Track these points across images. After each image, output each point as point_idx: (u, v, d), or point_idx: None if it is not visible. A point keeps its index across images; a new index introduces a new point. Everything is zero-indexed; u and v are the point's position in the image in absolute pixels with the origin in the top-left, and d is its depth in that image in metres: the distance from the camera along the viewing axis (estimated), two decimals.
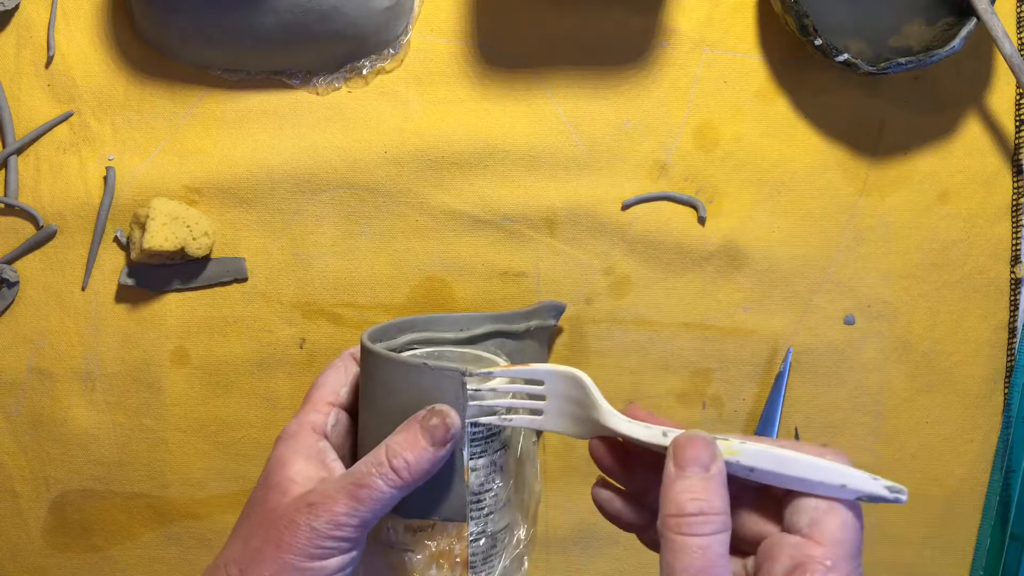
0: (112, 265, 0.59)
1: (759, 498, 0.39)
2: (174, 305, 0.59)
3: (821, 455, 0.36)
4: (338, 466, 0.43)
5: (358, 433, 0.45)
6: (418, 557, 0.43)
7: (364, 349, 0.44)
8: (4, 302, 0.59)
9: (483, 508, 0.44)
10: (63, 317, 0.59)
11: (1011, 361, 0.61)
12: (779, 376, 0.60)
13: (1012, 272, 0.61)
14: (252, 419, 0.60)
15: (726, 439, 0.37)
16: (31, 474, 0.60)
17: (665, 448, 0.37)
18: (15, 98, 0.58)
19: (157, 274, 0.59)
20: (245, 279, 0.59)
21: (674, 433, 0.38)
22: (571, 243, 0.60)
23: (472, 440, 0.43)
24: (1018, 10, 0.60)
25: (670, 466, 0.37)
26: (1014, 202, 0.60)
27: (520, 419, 0.43)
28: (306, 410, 0.45)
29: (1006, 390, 0.61)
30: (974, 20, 0.55)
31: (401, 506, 0.41)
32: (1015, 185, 0.60)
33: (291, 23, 0.55)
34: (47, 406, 0.60)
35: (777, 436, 0.59)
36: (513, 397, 0.43)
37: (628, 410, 0.41)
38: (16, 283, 0.59)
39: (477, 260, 0.59)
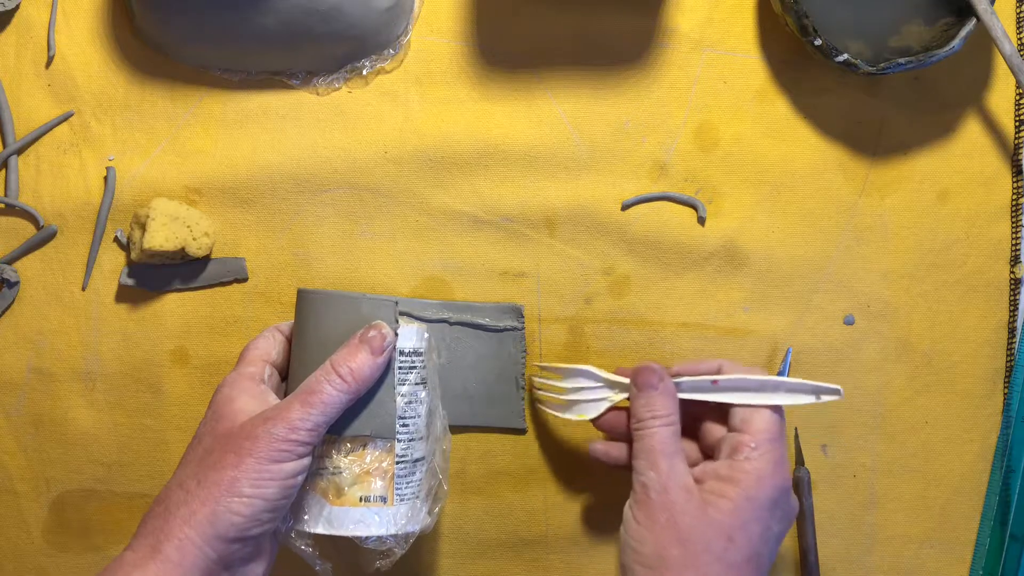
0: (112, 265, 0.59)
1: (717, 416, 0.51)
2: (174, 305, 0.59)
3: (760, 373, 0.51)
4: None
5: (290, 376, 0.51)
6: (348, 474, 0.48)
7: (306, 294, 0.51)
8: (4, 302, 0.59)
9: (407, 432, 0.49)
10: (63, 317, 0.59)
11: (1011, 361, 0.61)
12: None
13: (1012, 272, 0.61)
14: None
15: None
16: (31, 474, 0.60)
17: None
18: (15, 98, 0.58)
19: (157, 274, 0.59)
20: (245, 279, 0.59)
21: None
22: (571, 243, 0.60)
23: (399, 368, 0.49)
24: (1018, 10, 0.60)
25: (632, 390, 0.51)
26: (1014, 202, 0.60)
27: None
28: (243, 365, 0.50)
29: (1006, 390, 0.61)
30: (974, 20, 0.55)
31: (339, 424, 0.47)
32: (1015, 185, 0.60)
33: (291, 23, 0.55)
34: (47, 406, 0.60)
35: None
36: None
37: (618, 372, 0.54)
38: (16, 283, 0.59)
39: (477, 260, 0.59)
